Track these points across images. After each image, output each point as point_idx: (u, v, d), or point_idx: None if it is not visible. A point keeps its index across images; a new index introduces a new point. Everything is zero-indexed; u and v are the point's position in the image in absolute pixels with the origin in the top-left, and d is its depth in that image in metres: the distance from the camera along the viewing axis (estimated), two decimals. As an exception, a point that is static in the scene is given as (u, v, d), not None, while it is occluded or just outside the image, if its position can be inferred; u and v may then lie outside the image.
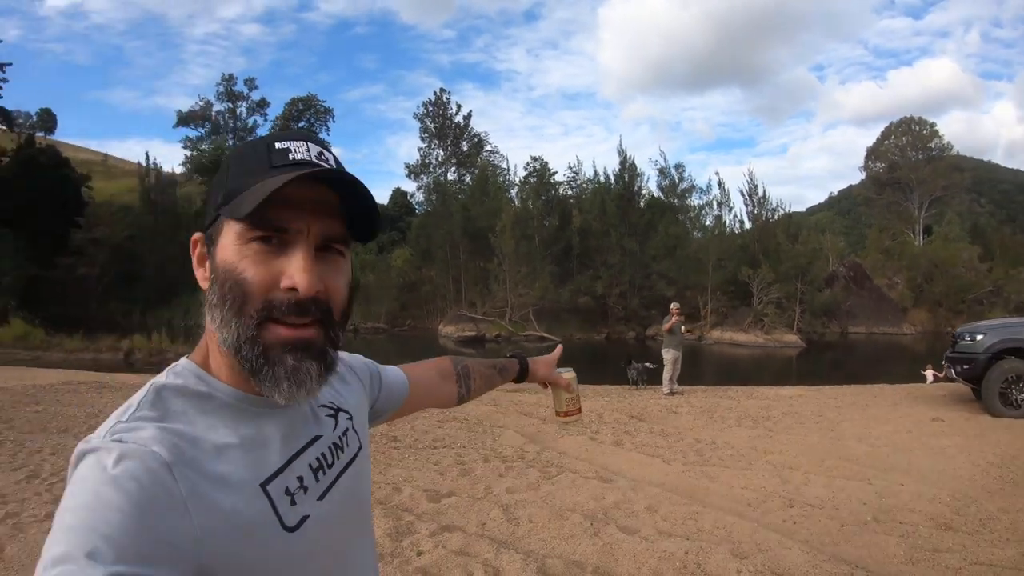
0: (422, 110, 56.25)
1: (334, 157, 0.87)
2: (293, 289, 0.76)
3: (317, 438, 0.90)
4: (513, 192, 45.67)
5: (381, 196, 63.25)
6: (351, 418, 1.01)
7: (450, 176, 53.96)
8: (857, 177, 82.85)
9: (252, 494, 0.77)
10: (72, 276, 39.45)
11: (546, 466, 7.12)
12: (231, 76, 60.22)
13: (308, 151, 0.83)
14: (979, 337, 9.50)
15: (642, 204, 41.67)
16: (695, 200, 42.46)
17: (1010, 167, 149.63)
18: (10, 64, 43.67)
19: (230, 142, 57.33)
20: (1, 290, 31.00)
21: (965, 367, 9.54)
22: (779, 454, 7.27)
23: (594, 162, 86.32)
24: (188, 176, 52.75)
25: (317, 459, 0.88)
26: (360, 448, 1.00)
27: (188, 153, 55.55)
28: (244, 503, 0.75)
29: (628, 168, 41.98)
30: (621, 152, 43.35)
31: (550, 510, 5.67)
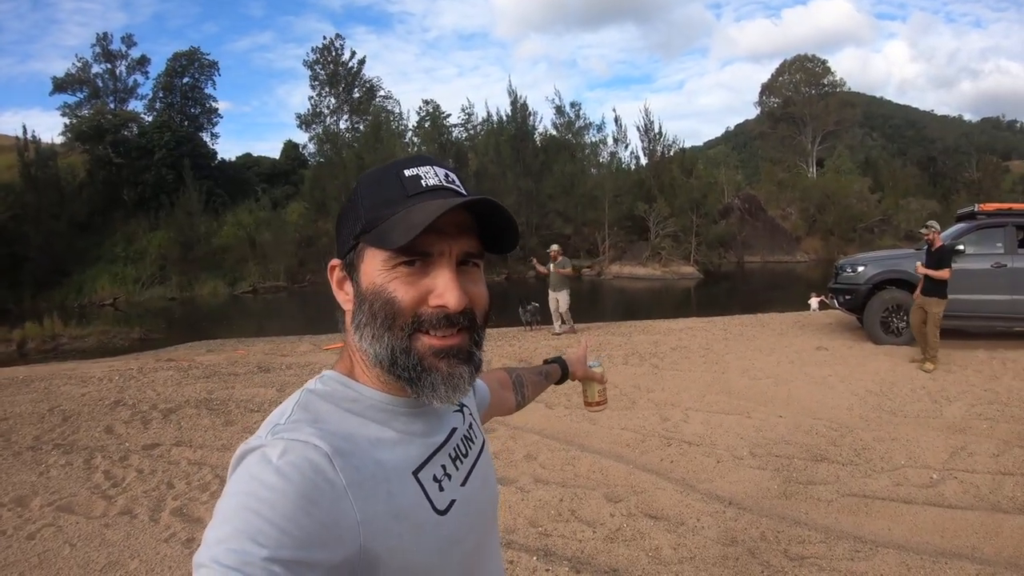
0: (312, 57, 53.41)
1: (458, 176, 0.90)
2: (441, 306, 0.81)
3: (454, 430, 0.95)
4: (407, 138, 44.22)
5: (272, 150, 60.40)
6: (472, 413, 1.06)
7: (343, 125, 51.71)
8: (753, 112, 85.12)
9: (405, 481, 0.81)
10: None
11: None
12: (106, 34, 55.02)
13: (437, 176, 0.86)
14: (860, 269, 9.66)
15: (539, 143, 41.29)
16: (592, 137, 42.43)
17: (901, 103, 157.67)
18: None
19: (111, 104, 53.06)
20: None
21: (847, 297, 9.71)
22: (662, 391, 7.13)
23: (486, 103, 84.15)
24: (70, 146, 48.45)
25: (455, 449, 0.93)
26: (484, 440, 1.05)
27: (67, 121, 50.88)
28: (399, 490, 0.79)
29: (520, 108, 41.36)
30: (512, 92, 42.64)
31: None
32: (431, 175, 0.85)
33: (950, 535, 3.70)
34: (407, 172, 0.85)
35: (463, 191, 0.87)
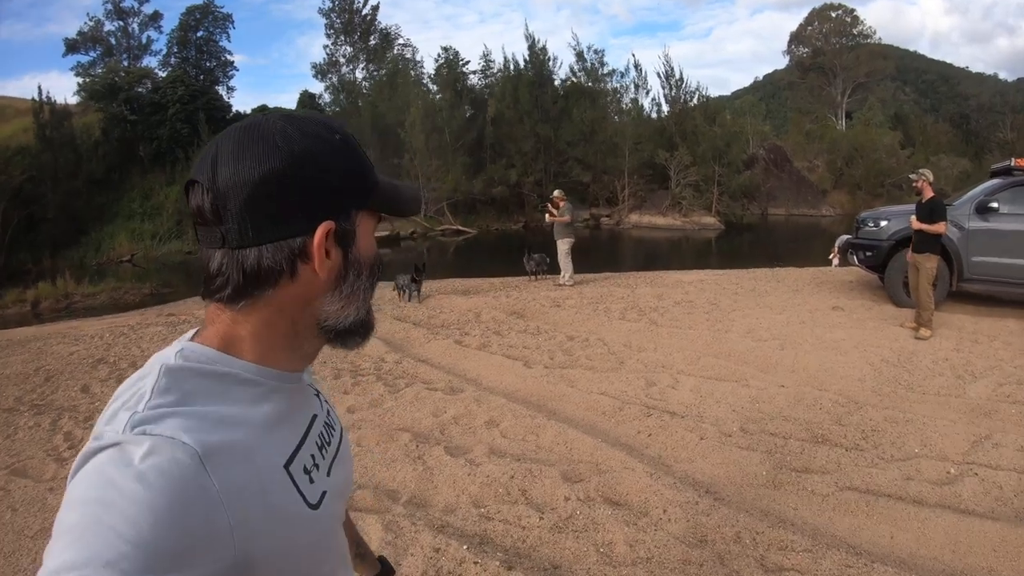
0: (328, 4, 51.66)
1: None
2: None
3: (315, 417, 0.89)
4: (425, 85, 42.98)
5: (290, 101, 60.21)
6: (326, 400, 0.98)
7: (359, 74, 50.42)
8: (782, 62, 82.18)
9: (278, 476, 0.75)
10: None
11: (397, 378, 6.22)
12: None
13: None
14: (883, 223, 8.76)
15: (562, 93, 39.90)
16: (613, 84, 40.85)
17: (935, 58, 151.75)
18: None
19: (124, 62, 52.39)
20: None
21: (868, 254, 8.84)
22: (654, 351, 6.46)
23: (503, 48, 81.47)
24: (85, 105, 47.84)
25: (319, 437, 0.88)
26: (342, 429, 0.98)
27: (80, 81, 50.08)
28: (272, 487, 0.73)
29: (538, 53, 39.86)
30: (529, 37, 40.87)
31: (381, 430, 4.86)
32: None
33: (963, 550, 3.03)
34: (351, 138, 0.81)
35: None
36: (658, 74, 41.33)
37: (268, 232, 0.73)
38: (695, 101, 40.56)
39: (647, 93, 41.11)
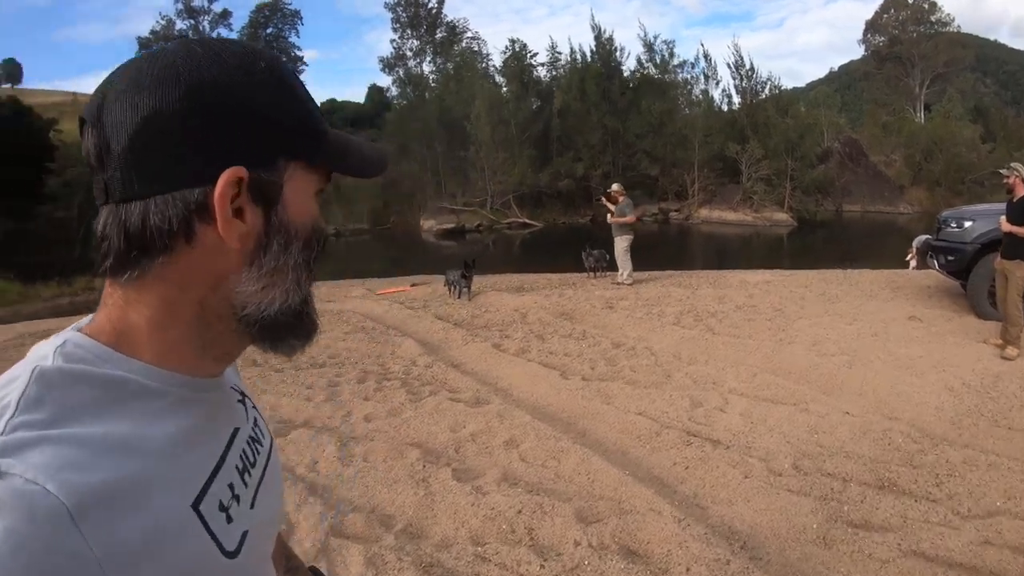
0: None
1: None
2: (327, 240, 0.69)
3: (236, 431, 0.70)
4: (492, 78, 42.72)
5: (359, 95, 61.32)
6: (253, 404, 0.80)
7: (426, 67, 50.89)
8: (858, 52, 78.17)
9: (184, 521, 0.57)
10: (51, 223, 37.73)
11: (424, 384, 5.88)
12: None
13: None
14: (967, 224, 7.73)
15: (631, 85, 38.86)
16: (685, 74, 39.52)
17: (1017, 47, 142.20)
18: None
19: None
20: None
21: (949, 258, 7.82)
22: (705, 364, 5.85)
23: (569, 39, 79.96)
24: None
25: (241, 457, 0.69)
26: (271, 441, 0.80)
27: None
28: (176, 536, 0.55)
29: (604, 43, 38.97)
30: (595, 27, 40.02)
31: (392, 444, 4.51)
32: None
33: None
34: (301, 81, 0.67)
35: None
36: (728, 64, 39.65)
37: (157, 181, 0.57)
38: (766, 92, 38.73)
39: (717, 84, 39.43)
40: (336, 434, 4.78)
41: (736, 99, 39.76)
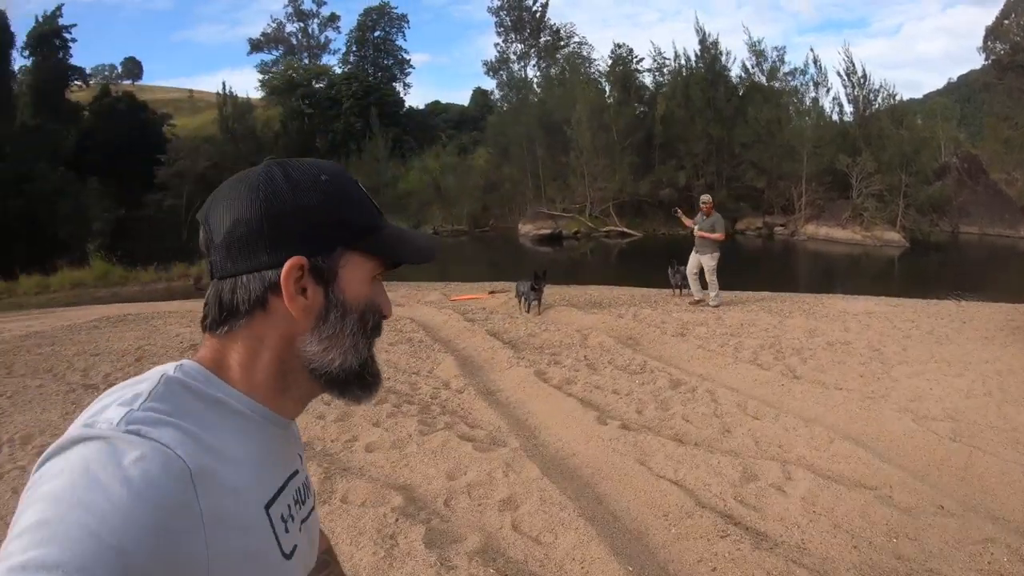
0: (497, 2, 52.68)
1: None
2: (386, 316, 0.85)
3: (296, 472, 0.86)
4: (599, 84, 41.70)
5: (465, 98, 62.44)
6: (304, 466, 0.93)
7: (530, 71, 51.00)
8: (978, 61, 71.24)
9: (258, 516, 0.72)
10: (160, 211, 40.99)
11: (442, 414, 5.28)
12: None
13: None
14: None
15: (738, 91, 36.83)
16: (795, 82, 36.86)
17: None
18: (74, 25, 44.68)
19: (305, 60, 58.25)
20: (92, 234, 31.44)
21: None
22: (773, 420, 4.86)
23: (673, 42, 76.31)
24: (267, 99, 53.74)
25: (296, 491, 0.84)
26: (314, 499, 0.94)
27: (262, 77, 56.48)
28: (253, 524, 0.71)
29: (709, 48, 37.17)
30: (700, 30, 38.08)
31: (378, 485, 3.99)
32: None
33: None
34: (361, 186, 0.85)
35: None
36: (838, 72, 36.54)
37: (242, 263, 0.76)
38: (878, 101, 35.46)
39: (827, 91, 36.50)
40: (328, 462, 4.24)
41: (848, 108, 36.82)
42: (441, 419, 5.07)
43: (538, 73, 49.33)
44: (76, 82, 46.46)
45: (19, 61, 42.99)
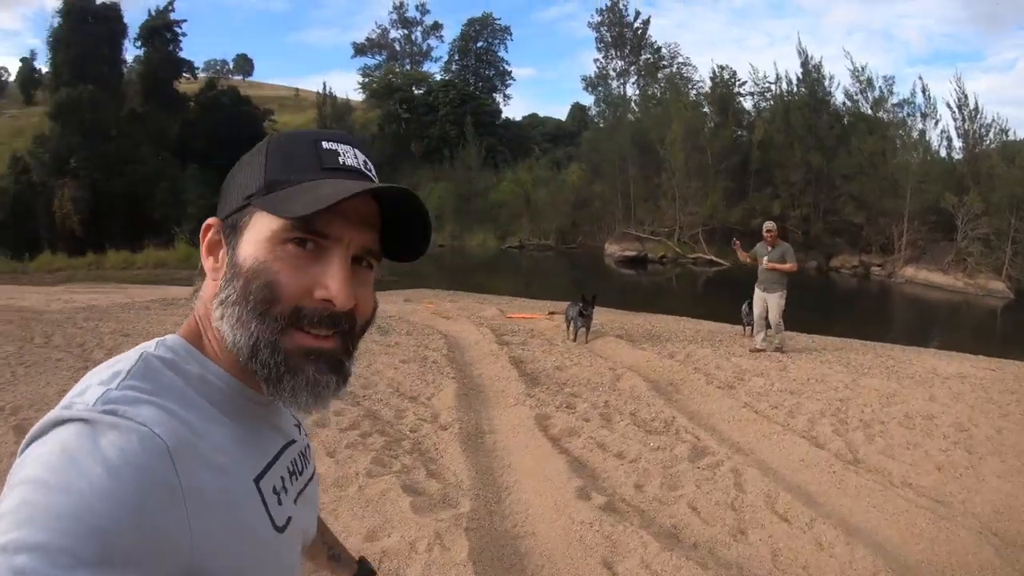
0: (597, 19, 52.35)
1: (375, 168, 0.80)
2: (327, 301, 0.70)
3: (291, 442, 0.82)
4: (701, 103, 39.93)
5: (561, 112, 62.13)
6: (306, 435, 0.91)
7: (629, 89, 49.93)
8: None
9: (246, 490, 0.68)
10: None
11: (406, 453, 4.53)
12: (402, 3, 63.09)
13: (356, 158, 0.77)
14: None
15: (843, 120, 34.17)
16: (903, 114, 33.61)
17: None
18: (185, 21, 46.40)
19: (407, 66, 59.92)
20: (186, 218, 33.06)
21: None
22: (808, 528, 3.74)
23: (775, 64, 72.81)
24: (365, 101, 55.52)
25: (292, 463, 0.80)
26: (315, 468, 0.90)
27: (363, 80, 58.37)
28: (239, 499, 0.67)
29: (811, 71, 34.72)
30: (802, 52, 35.39)
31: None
32: (350, 155, 0.76)
33: None
34: (325, 145, 0.75)
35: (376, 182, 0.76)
36: (948, 104, 32.96)
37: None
38: (990, 136, 31.49)
39: (935, 124, 33.00)
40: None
41: (957, 143, 33.35)
42: (400, 460, 4.29)
43: (637, 91, 48.25)
44: (185, 74, 48.56)
45: (131, 52, 45.99)
